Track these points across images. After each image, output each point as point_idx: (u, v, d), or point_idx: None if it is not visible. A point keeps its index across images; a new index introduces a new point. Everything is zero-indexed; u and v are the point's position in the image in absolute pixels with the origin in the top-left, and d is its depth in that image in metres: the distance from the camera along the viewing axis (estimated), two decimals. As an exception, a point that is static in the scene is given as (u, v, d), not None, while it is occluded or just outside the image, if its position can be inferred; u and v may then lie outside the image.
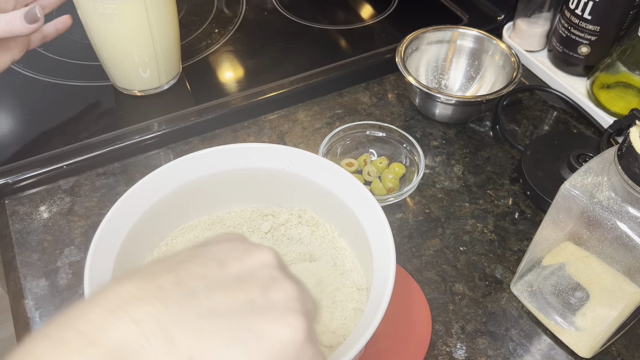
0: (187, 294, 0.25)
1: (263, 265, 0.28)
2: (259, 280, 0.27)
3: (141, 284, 0.25)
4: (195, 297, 0.25)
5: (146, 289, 0.24)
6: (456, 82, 0.74)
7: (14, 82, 0.66)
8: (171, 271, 0.26)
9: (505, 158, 0.67)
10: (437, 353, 0.50)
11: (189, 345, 0.23)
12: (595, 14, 0.68)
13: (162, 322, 0.23)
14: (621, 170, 0.39)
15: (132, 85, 0.70)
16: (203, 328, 0.24)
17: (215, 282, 0.26)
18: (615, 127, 0.63)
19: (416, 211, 0.61)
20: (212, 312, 0.24)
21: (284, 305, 0.26)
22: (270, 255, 0.29)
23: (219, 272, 0.26)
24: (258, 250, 0.29)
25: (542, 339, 0.52)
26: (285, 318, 0.26)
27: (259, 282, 0.27)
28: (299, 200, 0.52)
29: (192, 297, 0.25)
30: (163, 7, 0.64)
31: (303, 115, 0.71)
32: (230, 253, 0.28)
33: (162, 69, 0.69)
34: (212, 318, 0.24)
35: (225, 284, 0.26)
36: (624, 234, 0.40)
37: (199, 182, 0.49)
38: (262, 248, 0.29)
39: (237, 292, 0.26)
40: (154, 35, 0.65)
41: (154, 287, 0.25)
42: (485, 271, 0.56)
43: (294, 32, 0.83)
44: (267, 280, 0.27)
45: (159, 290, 0.24)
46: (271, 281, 0.27)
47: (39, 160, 0.62)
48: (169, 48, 0.68)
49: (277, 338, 0.25)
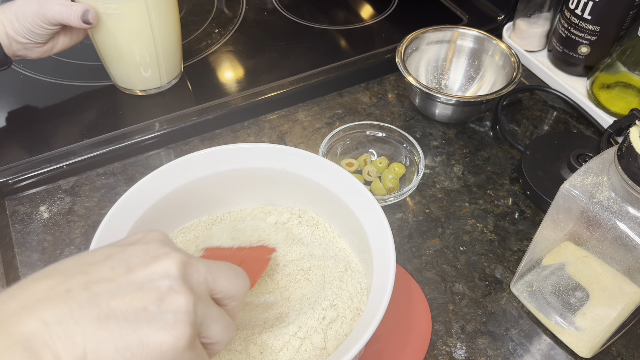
0: (90, 297, 0.29)
1: (165, 275, 0.31)
2: (157, 290, 0.30)
3: (54, 285, 0.29)
4: (97, 302, 0.29)
5: (56, 291, 0.29)
6: (456, 82, 0.74)
7: (14, 82, 0.66)
8: (83, 273, 0.30)
9: (505, 158, 0.67)
10: (437, 353, 0.50)
11: (85, 345, 0.27)
12: (595, 14, 0.68)
13: (65, 323, 0.28)
14: (621, 170, 0.39)
15: (134, 85, 0.70)
16: (98, 331, 0.28)
17: (118, 288, 0.30)
18: (615, 127, 0.63)
19: (416, 211, 0.61)
20: (108, 317, 0.28)
21: (171, 318, 0.30)
22: (174, 265, 0.31)
23: (123, 278, 0.30)
24: (165, 259, 0.32)
25: (542, 339, 0.52)
26: (170, 328, 0.29)
27: (156, 292, 0.30)
28: (299, 200, 0.52)
29: (95, 301, 0.29)
30: (164, 7, 0.64)
31: (303, 115, 0.71)
32: (140, 257, 0.31)
33: (164, 69, 0.69)
34: (107, 322, 0.28)
35: (126, 291, 0.30)
36: (623, 234, 0.40)
37: (199, 182, 0.49)
38: (170, 256, 0.32)
39: (135, 299, 0.29)
40: (156, 34, 0.65)
41: (64, 290, 0.29)
42: (485, 271, 0.56)
43: (294, 32, 0.83)
44: (164, 290, 0.30)
45: (67, 293, 0.28)
46: (167, 292, 0.30)
47: (39, 160, 0.62)
48: (170, 47, 0.68)
49: (159, 345, 0.29)
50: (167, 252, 0.32)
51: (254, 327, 0.45)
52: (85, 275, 0.30)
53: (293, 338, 0.43)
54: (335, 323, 0.44)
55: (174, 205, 0.49)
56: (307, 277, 0.48)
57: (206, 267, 0.34)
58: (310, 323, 0.43)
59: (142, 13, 0.62)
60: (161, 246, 0.33)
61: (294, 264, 0.49)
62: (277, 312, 0.46)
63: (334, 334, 0.43)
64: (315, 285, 0.47)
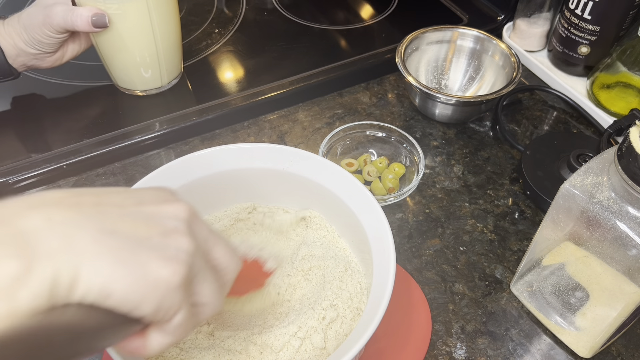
0: (99, 212, 0.29)
1: (174, 216, 0.32)
2: (164, 226, 0.31)
3: (66, 195, 0.29)
4: (105, 217, 0.29)
5: (68, 200, 0.29)
6: (456, 82, 0.74)
7: (15, 82, 0.66)
8: (96, 195, 0.30)
9: (505, 158, 0.67)
10: (437, 353, 0.50)
11: (83, 249, 0.27)
12: (595, 14, 0.68)
13: (70, 224, 0.28)
14: (621, 170, 0.39)
15: (134, 85, 0.70)
16: (99, 241, 0.28)
17: (127, 213, 0.30)
18: (615, 127, 0.63)
19: (416, 211, 0.61)
20: (112, 233, 0.28)
21: (172, 252, 0.30)
22: (184, 211, 0.32)
23: (134, 208, 0.31)
24: (176, 203, 0.33)
25: (542, 339, 0.52)
26: (168, 262, 0.29)
27: (162, 226, 0.31)
28: (299, 200, 0.52)
29: (102, 216, 0.29)
30: (165, 7, 0.64)
31: (303, 115, 0.71)
32: (153, 197, 0.32)
33: (164, 69, 0.69)
34: (110, 237, 0.28)
35: (134, 218, 0.30)
36: (623, 234, 0.40)
37: (198, 182, 0.49)
38: (181, 202, 0.33)
39: (141, 226, 0.30)
40: (156, 35, 0.65)
41: (74, 201, 0.29)
42: (485, 271, 0.56)
43: (294, 32, 0.83)
44: (170, 228, 0.31)
45: (78, 204, 0.29)
46: (172, 230, 0.31)
47: (39, 160, 0.62)
48: (171, 48, 0.68)
49: (155, 272, 0.29)
50: (178, 199, 0.33)
51: (254, 327, 0.45)
52: (98, 197, 0.30)
53: (293, 338, 0.43)
54: (335, 323, 0.44)
55: (174, 205, 0.49)
56: (307, 277, 0.48)
57: (209, 230, 0.34)
58: (310, 323, 0.43)
59: (143, 13, 0.62)
60: (172, 195, 0.34)
61: (294, 264, 0.49)
62: (277, 312, 0.46)
63: (334, 334, 0.43)
64: (315, 285, 0.47)
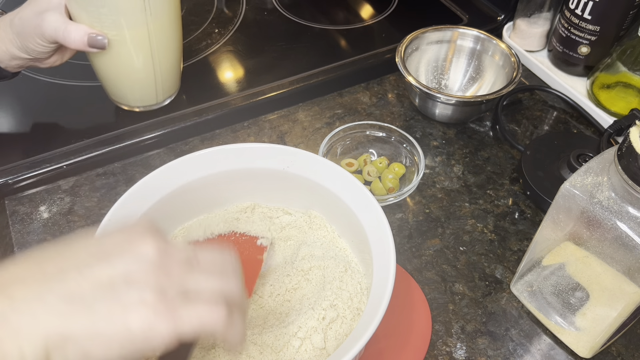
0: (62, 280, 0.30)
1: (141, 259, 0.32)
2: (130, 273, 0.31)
3: (29, 266, 0.30)
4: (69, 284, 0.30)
5: (30, 273, 0.30)
6: (456, 82, 0.74)
7: (14, 82, 0.66)
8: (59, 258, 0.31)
9: (505, 158, 0.67)
10: (437, 353, 0.50)
11: (48, 324, 0.28)
12: (595, 14, 0.68)
13: (31, 301, 0.29)
14: (621, 170, 0.39)
15: (128, 102, 0.68)
16: (65, 310, 0.29)
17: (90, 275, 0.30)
18: (615, 127, 0.63)
19: (416, 211, 0.61)
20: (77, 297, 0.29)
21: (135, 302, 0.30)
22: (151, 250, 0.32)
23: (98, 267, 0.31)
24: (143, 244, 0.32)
25: (542, 339, 0.52)
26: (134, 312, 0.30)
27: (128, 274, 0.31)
28: (299, 200, 0.52)
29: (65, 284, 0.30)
30: (168, 33, 0.62)
31: (303, 115, 0.71)
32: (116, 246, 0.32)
33: (160, 89, 0.67)
34: (76, 302, 0.29)
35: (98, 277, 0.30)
36: (624, 234, 0.40)
37: (198, 182, 0.49)
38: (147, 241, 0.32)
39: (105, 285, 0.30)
40: (155, 59, 0.63)
41: (37, 271, 0.30)
42: (485, 271, 0.56)
43: (294, 32, 0.83)
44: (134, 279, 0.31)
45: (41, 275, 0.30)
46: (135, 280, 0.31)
47: (39, 160, 0.62)
48: (169, 70, 0.66)
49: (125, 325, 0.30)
50: (144, 238, 0.33)
51: (254, 327, 0.45)
52: (61, 260, 0.31)
53: (293, 338, 0.43)
54: (335, 323, 0.44)
55: (174, 205, 0.49)
56: (307, 278, 0.48)
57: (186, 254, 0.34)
58: (310, 323, 0.43)
59: (143, 39, 0.60)
60: (139, 233, 0.33)
61: (294, 264, 0.49)
62: (277, 312, 0.46)
63: (334, 334, 0.43)
64: (315, 285, 0.47)
